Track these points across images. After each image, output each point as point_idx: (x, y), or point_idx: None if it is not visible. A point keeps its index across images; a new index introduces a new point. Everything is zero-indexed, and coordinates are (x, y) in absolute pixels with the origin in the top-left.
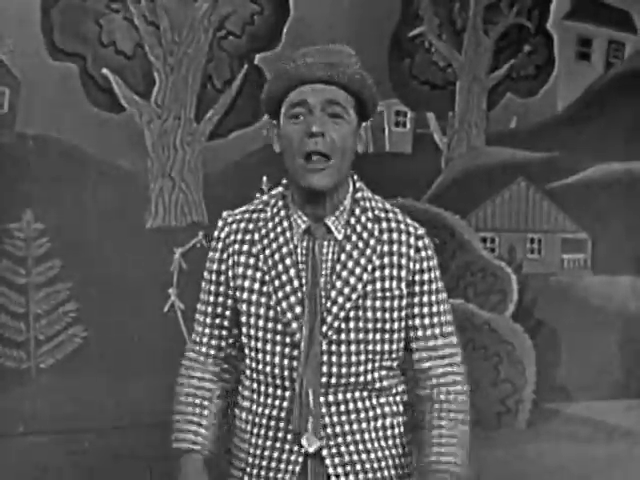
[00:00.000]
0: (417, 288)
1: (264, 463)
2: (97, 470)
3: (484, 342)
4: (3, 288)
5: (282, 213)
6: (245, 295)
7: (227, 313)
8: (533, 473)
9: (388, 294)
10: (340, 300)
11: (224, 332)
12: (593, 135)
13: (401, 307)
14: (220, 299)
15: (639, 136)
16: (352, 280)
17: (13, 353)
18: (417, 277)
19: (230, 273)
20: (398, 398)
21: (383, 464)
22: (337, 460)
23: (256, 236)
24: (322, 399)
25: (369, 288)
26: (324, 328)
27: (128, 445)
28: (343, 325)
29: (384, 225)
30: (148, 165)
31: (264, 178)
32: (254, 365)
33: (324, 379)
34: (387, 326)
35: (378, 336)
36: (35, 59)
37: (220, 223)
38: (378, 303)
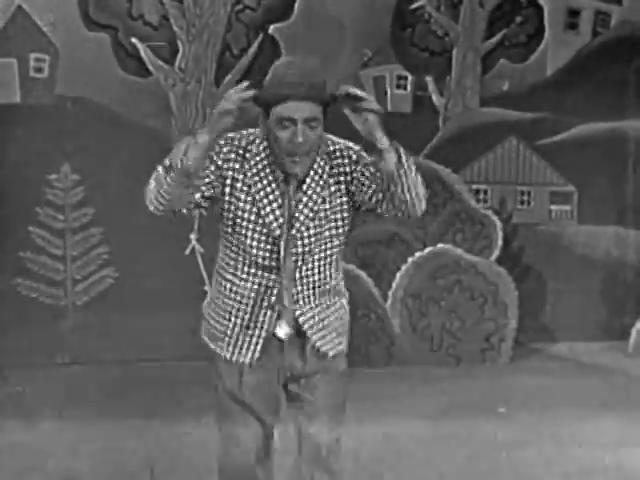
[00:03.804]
0: (357, 175)
1: (241, 330)
2: (126, 397)
3: (470, 284)
4: (44, 232)
5: (266, 155)
6: (237, 202)
7: (205, 188)
8: (511, 401)
9: (338, 200)
10: (305, 211)
11: (199, 194)
12: (579, 97)
13: (347, 204)
14: (211, 178)
15: (622, 98)
16: (313, 199)
17: (52, 291)
18: (355, 170)
19: (225, 177)
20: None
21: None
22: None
23: (246, 164)
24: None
25: (324, 200)
26: (294, 231)
27: (153, 375)
28: (310, 229)
29: (333, 157)
30: (172, 123)
31: None
32: (242, 252)
33: (298, 264)
34: (339, 223)
35: (333, 231)
36: (72, 30)
37: (223, 142)
38: (334, 208)
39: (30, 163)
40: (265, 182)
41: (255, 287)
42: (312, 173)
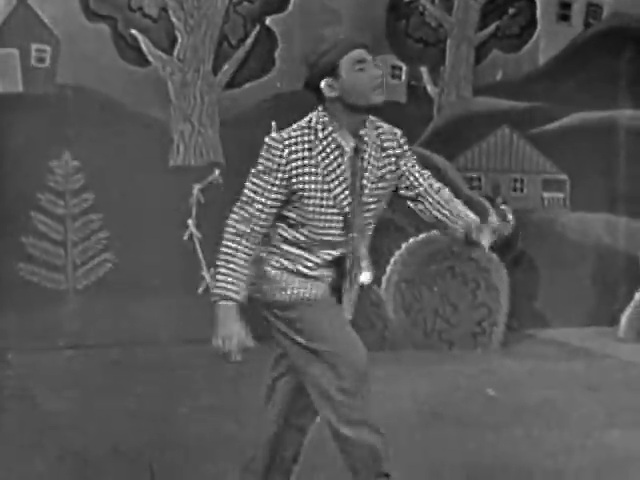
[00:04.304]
0: (405, 161)
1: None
2: (125, 379)
3: (463, 269)
4: (45, 218)
5: (329, 133)
6: (309, 186)
7: (277, 205)
8: (499, 385)
9: (389, 176)
10: (368, 183)
11: (271, 217)
12: (572, 87)
13: (392, 182)
14: (278, 194)
15: (613, 88)
16: (374, 173)
17: (53, 276)
18: (404, 155)
19: (291, 176)
20: None
21: None
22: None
23: (314, 151)
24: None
25: (382, 176)
26: (361, 203)
27: (152, 358)
28: (371, 204)
29: (383, 136)
30: (171, 112)
31: (273, 123)
32: (313, 237)
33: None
34: (386, 197)
35: (382, 204)
36: (73, 21)
37: (277, 144)
38: (387, 184)
39: (32, 150)
40: (332, 157)
41: (329, 273)
42: (369, 146)
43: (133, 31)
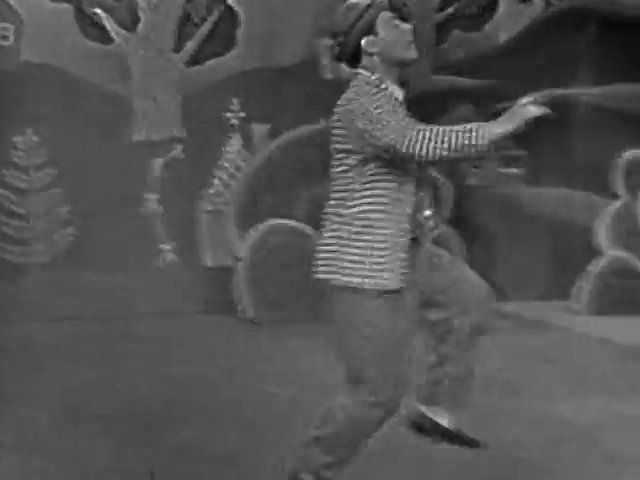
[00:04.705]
0: None
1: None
2: (84, 353)
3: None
4: (8, 192)
5: (387, 85)
6: None
7: None
8: None
9: None
10: None
11: None
12: (531, 65)
13: None
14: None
15: (573, 66)
16: None
17: (14, 249)
18: None
19: None
20: None
21: None
22: None
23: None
24: None
25: None
26: None
27: (110, 332)
28: None
29: None
30: (133, 88)
31: (234, 99)
32: (394, 179)
33: None
34: None
35: None
36: (36, 1)
37: (379, 81)
38: None
39: None
40: (397, 106)
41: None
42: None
43: (96, 9)
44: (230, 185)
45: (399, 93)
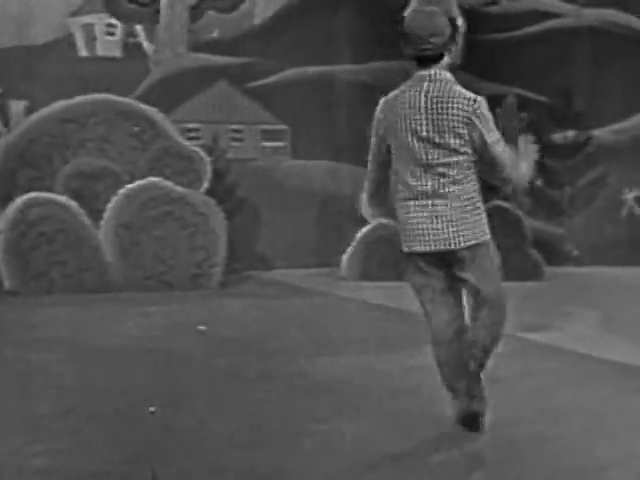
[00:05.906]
0: None
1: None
2: None
3: (181, 214)
4: None
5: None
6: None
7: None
8: (213, 322)
9: None
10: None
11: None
12: (288, 43)
13: None
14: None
15: (331, 44)
16: None
17: None
18: None
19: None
20: None
21: None
22: None
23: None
24: None
25: None
26: None
27: None
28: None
29: None
30: None
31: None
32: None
33: None
34: None
35: None
36: None
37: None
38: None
39: None
40: None
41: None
42: None
43: None
44: None
45: None
